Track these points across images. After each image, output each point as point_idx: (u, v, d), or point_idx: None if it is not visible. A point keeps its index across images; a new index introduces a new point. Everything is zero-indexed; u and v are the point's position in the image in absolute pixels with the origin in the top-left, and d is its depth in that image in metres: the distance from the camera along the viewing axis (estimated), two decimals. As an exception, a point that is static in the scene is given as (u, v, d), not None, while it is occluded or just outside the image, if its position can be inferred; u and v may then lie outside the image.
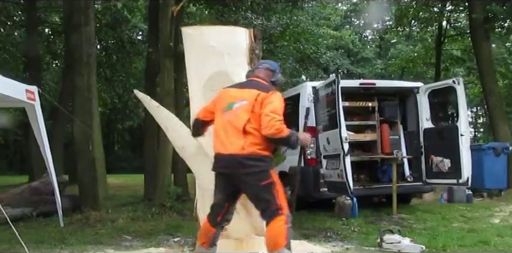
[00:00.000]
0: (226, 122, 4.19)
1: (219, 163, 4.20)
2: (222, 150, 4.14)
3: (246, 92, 4.26)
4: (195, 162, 5.00)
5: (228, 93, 4.37)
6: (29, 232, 7.05)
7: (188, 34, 5.53)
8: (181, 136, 4.93)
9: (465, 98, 7.87)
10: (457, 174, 7.70)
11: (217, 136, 4.22)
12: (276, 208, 4.08)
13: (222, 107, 4.29)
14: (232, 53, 5.43)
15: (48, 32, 20.67)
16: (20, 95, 6.94)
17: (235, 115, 4.16)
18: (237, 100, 4.22)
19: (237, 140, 4.09)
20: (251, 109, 4.12)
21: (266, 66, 4.60)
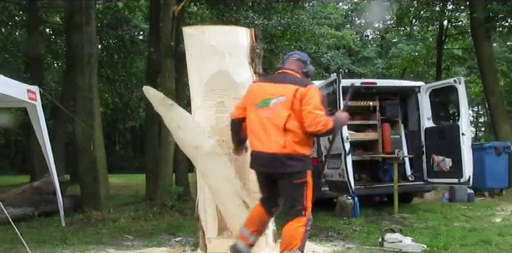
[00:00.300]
0: (264, 118, 4.10)
1: (258, 161, 4.16)
2: (261, 148, 4.09)
3: (282, 87, 4.16)
4: (206, 161, 4.95)
5: (261, 88, 4.29)
6: (31, 232, 7.06)
7: (189, 34, 5.52)
8: (195, 135, 4.87)
9: (466, 97, 7.87)
10: (458, 173, 7.70)
11: (254, 133, 4.16)
12: (300, 208, 4.09)
13: (255, 102, 4.21)
14: (233, 53, 5.42)
15: (49, 32, 20.69)
16: (21, 95, 6.95)
17: (274, 112, 4.08)
18: (273, 96, 4.13)
19: (277, 138, 4.02)
20: (290, 105, 4.05)
21: (297, 57, 4.52)
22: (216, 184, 5.00)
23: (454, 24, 19.47)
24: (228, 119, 5.33)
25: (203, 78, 5.42)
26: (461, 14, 18.62)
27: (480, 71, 14.27)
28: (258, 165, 4.21)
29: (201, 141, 4.85)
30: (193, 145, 4.89)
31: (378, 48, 32.61)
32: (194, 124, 4.93)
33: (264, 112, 4.12)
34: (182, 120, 4.85)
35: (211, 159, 4.88)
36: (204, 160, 4.96)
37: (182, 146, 5.08)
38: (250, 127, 4.22)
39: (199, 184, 5.43)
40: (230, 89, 5.37)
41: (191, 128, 4.87)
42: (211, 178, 5.05)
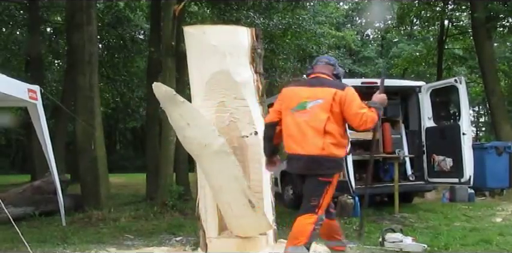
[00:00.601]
0: (301, 122, 4.17)
1: (296, 164, 4.22)
2: (300, 151, 4.15)
3: (318, 90, 4.24)
4: (214, 160, 4.92)
5: (296, 92, 4.36)
6: (31, 231, 7.07)
7: (190, 33, 5.52)
8: (205, 133, 4.85)
9: (467, 97, 7.87)
10: (459, 173, 7.70)
11: (291, 137, 4.23)
12: (315, 205, 4.13)
13: (290, 106, 4.28)
14: (234, 52, 5.42)
15: (50, 31, 20.70)
16: (22, 94, 6.96)
17: (312, 115, 4.15)
18: (310, 99, 4.20)
19: (316, 140, 4.10)
20: (329, 108, 4.14)
21: (325, 61, 4.63)
22: (222, 184, 4.98)
23: (455, 24, 19.48)
24: (228, 118, 5.34)
25: (204, 78, 5.41)
26: (462, 14, 18.62)
27: (481, 71, 14.28)
28: (296, 168, 4.26)
29: (211, 139, 4.83)
30: (202, 143, 4.85)
31: (379, 48, 32.60)
32: (204, 122, 4.91)
33: (301, 115, 4.20)
34: (192, 118, 4.82)
35: (219, 158, 4.86)
36: (211, 159, 4.93)
37: (189, 144, 5.04)
38: (287, 131, 4.28)
39: (200, 184, 5.43)
40: (231, 89, 5.37)
41: (201, 126, 4.85)
42: (217, 178, 5.02)
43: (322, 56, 4.97)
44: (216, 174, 5.00)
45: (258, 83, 5.57)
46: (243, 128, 5.36)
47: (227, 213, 5.12)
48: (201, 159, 5.06)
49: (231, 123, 5.36)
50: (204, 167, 5.13)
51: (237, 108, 5.37)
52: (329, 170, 4.15)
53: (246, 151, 5.35)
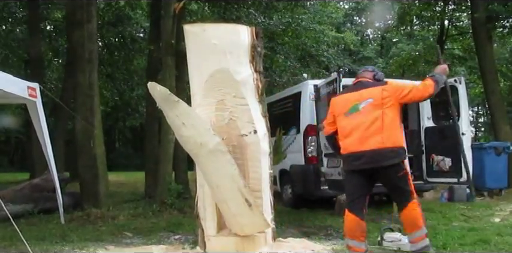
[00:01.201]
0: (358, 122, 4.56)
1: (359, 160, 4.51)
2: (360, 148, 4.50)
3: (364, 91, 4.69)
4: (210, 159, 4.93)
5: (345, 98, 4.78)
6: (30, 229, 7.07)
7: (190, 32, 5.52)
8: (201, 133, 4.87)
9: (467, 97, 7.87)
10: (457, 173, 7.70)
11: (350, 137, 4.57)
12: (409, 195, 4.58)
13: (343, 111, 4.69)
14: (234, 51, 5.42)
15: (50, 29, 20.69)
16: (21, 91, 6.95)
17: (366, 114, 4.55)
18: (359, 101, 4.62)
19: (375, 136, 4.48)
20: (381, 104, 4.55)
21: (365, 69, 5.13)
22: (218, 182, 4.99)
23: (454, 24, 19.48)
24: (228, 116, 5.34)
25: (203, 76, 5.41)
26: (462, 14, 18.63)
27: (480, 71, 14.27)
28: (359, 164, 4.53)
29: (206, 138, 4.84)
30: (197, 142, 4.87)
31: (378, 48, 32.62)
32: (200, 121, 4.92)
33: (355, 117, 4.60)
34: (187, 117, 4.82)
35: (215, 156, 4.87)
36: (207, 158, 4.94)
37: (185, 143, 5.06)
38: (343, 134, 4.64)
39: (198, 183, 5.44)
40: (230, 87, 5.37)
41: (197, 125, 4.85)
42: (214, 176, 5.04)
43: (365, 67, 5.39)
44: (213, 173, 5.01)
45: (258, 81, 5.57)
46: (243, 127, 5.36)
47: (225, 212, 5.13)
48: (197, 157, 5.07)
49: (230, 122, 5.37)
50: (201, 166, 5.14)
51: (236, 106, 5.37)
52: (395, 160, 4.49)
53: (245, 150, 5.36)
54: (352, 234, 4.65)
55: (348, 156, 4.62)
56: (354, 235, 4.63)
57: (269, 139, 5.61)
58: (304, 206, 9.04)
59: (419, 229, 4.55)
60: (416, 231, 4.54)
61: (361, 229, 4.67)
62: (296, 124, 8.99)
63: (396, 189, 4.68)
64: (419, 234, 4.56)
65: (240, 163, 5.13)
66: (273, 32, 15.58)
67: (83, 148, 9.25)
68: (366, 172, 4.59)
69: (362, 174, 4.61)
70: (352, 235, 4.64)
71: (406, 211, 4.58)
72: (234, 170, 4.88)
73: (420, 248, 4.54)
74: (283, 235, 6.07)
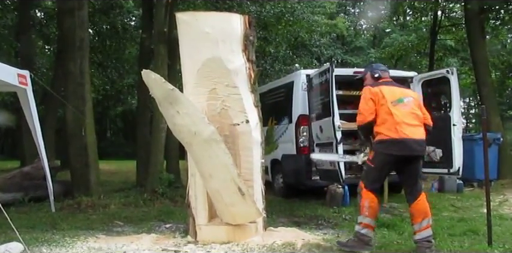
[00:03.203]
0: (408, 112, 4.90)
1: (409, 146, 4.79)
2: (411, 136, 4.80)
3: (405, 90, 5.23)
4: (204, 148, 4.93)
5: (391, 90, 5.02)
6: (21, 217, 7.04)
7: (182, 20, 5.48)
8: (195, 121, 4.85)
9: (458, 88, 7.88)
10: (448, 163, 7.73)
11: (402, 123, 4.81)
12: (420, 184, 5.01)
13: (390, 100, 4.91)
14: (227, 40, 5.40)
15: (40, 16, 20.46)
16: (11, 79, 6.89)
17: (411, 108, 4.95)
18: (403, 96, 5.00)
19: (419, 128, 4.91)
20: (418, 104, 5.09)
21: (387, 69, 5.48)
22: (212, 172, 5.00)
23: (448, 15, 19.46)
24: (220, 106, 5.34)
25: (196, 65, 5.40)
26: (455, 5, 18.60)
27: (472, 62, 14.27)
28: (408, 150, 4.81)
29: (201, 127, 4.83)
30: (191, 131, 4.86)
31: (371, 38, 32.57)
32: (194, 110, 4.90)
33: (404, 107, 4.91)
34: (182, 106, 4.81)
35: (209, 145, 4.88)
36: (201, 147, 4.94)
37: (179, 132, 5.05)
38: (394, 119, 4.82)
39: (190, 172, 5.44)
40: (223, 76, 5.36)
41: (191, 114, 4.84)
42: (207, 165, 5.04)
43: (379, 64, 5.79)
44: (206, 162, 5.01)
45: (250, 71, 5.56)
46: (235, 116, 5.36)
47: (217, 201, 5.14)
48: (191, 146, 5.06)
49: (222, 111, 5.37)
50: (194, 155, 5.13)
51: (228, 96, 5.37)
52: (425, 151, 5.10)
53: (237, 139, 5.37)
54: (375, 214, 4.92)
55: (399, 142, 4.79)
56: (374, 214, 4.91)
57: (261, 129, 5.62)
58: (295, 196, 9.07)
59: (427, 218, 4.82)
60: (424, 219, 4.79)
61: (378, 210, 5.07)
62: (288, 114, 8.98)
63: (416, 179, 4.96)
64: (427, 222, 4.81)
65: (231, 153, 5.14)
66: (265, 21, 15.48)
67: (73, 136, 9.21)
68: (404, 159, 4.86)
69: (400, 160, 4.86)
70: (374, 214, 4.88)
71: (420, 201, 4.85)
72: (228, 159, 4.89)
73: (425, 237, 4.76)
74: (274, 224, 6.09)
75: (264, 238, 5.27)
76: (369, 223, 4.83)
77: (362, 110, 5.01)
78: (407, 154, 4.83)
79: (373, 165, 4.94)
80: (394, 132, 4.79)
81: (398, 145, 4.79)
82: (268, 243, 5.13)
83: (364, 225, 4.82)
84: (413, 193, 4.90)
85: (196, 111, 4.91)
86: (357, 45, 30.73)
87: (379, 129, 4.89)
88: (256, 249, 4.96)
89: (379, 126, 4.89)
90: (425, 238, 4.77)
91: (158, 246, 5.15)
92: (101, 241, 5.51)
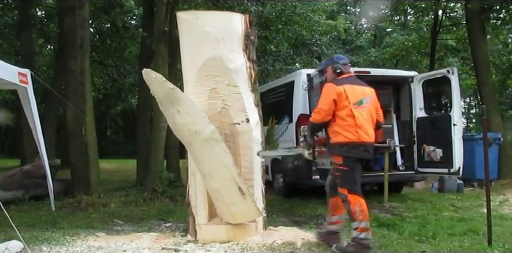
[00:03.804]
0: (366, 114, 4.88)
1: (368, 151, 4.88)
2: (368, 140, 4.83)
3: (365, 89, 5.07)
4: (204, 147, 4.93)
5: (354, 89, 4.92)
6: (21, 215, 7.05)
7: (183, 19, 5.48)
8: (195, 120, 4.85)
9: (459, 88, 7.87)
10: (448, 163, 7.73)
11: (363, 127, 4.81)
12: None
13: (352, 101, 4.83)
14: (227, 39, 5.40)
15: (41, 15, 20.46)
16: (12, 77, 6.89)
17: (369, 110, 4.93)
18: (364, 96, 4.94)
19: (372, 131, 4.93)
20: (375, 104, 5.07)
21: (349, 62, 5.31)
22: (212, 171, 5.00)
23: (448, 15, 19.43)
24: (220, 105, 5.33)
25: (196, 64, 5.40)
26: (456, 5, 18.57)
27: (473, 62, 14.27)
28: (368, 154, 4.91)
29: (201, 126, 4.84)
30: (192, 130, 4.87)
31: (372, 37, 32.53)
32: (194, 109, 4.90)
33: (362, 109, 4.87)
34: (183, 105, 4.81)
35: (209, 145, 4.88)
36: (202, 146, 4.95)
37: (179, 131, 5.06)
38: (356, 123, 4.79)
39: (190, 171, 5.44)
40: (223, 76, 5.36)
41: (191, 113, 4.84)
42: (207, 165, 5.04)
43: (341, 56, 5.48)
44: (207, 161, 5.01)
45: (251, 70, 5.56)
46: (235, 115, 5.36)
47: (217, 200, 5.14)
48: (191, 146, 5.07)
49: (223, 110, 5.37)
50: (194, 154, 5.13)
51: (229, 95, 5.37)
52: None
53: (237, 138, 5.37)
54: (368, 216, 4.86)
55: (360, 145, 4.80)
56: (368, 216, 4.86)
57: (261, 128, 5.62)
58: (295, 195, 9.07)
59: (345, 213, 4.98)
60: (342, 214, 5.03)
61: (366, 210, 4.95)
62: (289, 113, 8.97)
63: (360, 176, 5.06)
64: (344, 217, 5.03)
65: (232, 152, 5.14)
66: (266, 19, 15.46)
67: (74, 135, 9.21)
68: (362, 162, 5.01)
69: (360, 163, 4.96)
70: (368, 216, 4.85)
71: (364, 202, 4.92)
72: (229, 158, 4.89)
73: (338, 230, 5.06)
74: (274, 224, 6.09)
75: (264, 238, 5.27)
76: (366, 227, 4.78)
77: (321, 109, 4.88)
78: (366, 157, 4.96)
79: (346, 168, 4.86)
80: (354, 135, 4.77)
81: (358, 148, 4.80)
82: (268, 242, 5.13)
83: (361, 229, 4.75)
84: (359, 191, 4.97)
85: (196, 110, 4.91)
86: (357, 45, 30.69)
87: (337, 130, 4.83)
88: (256, 248, 4.96)
89: (338, 127, 4.83)
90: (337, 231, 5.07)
91: (158, 245, 5.14)
92: (101, 240, 5.51)
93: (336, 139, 4.83)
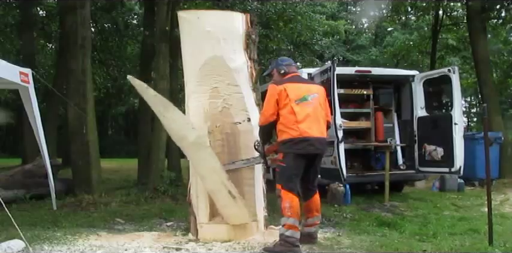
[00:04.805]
0: (311, 110, 4.89)
1: (314, 145, 4.85)
2: (315, 134, 4.85)
3: (311, 86, 5.17)
4: (192, 151, 4.99)
5: (296, 87, 4.95)
6: (22, 214, 7.05)
7: (184, 18, 5.49)
8: (180, 126, 4.89)
9: (460, 87, 7.88)
10: (449, 162, 7.74)
11: (305, 122, 4.82)
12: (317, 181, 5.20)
13: (294, 98, 4.85)
14: (228, 38, 5.41)
15: (42, 14, 20.47)
16: (13, 77, 6.89)
17: (315, 106, 4.94)
18: (308, 93, 4.94)
19: (321, 126, 4.97)
20: (323, 101, 5.11)
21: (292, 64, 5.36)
22: (204, 174, 5.08)
23: (449, 14, 19.42)
24: (221, 104, 5.34)
25: (197, 63, 5.40)
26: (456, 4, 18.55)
27: (474, 61, 14.27)
28: (314, 148, 4.86)
29: (185, 132, 4.90)
30: (179, 135, 4.96)
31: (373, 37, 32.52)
32: (178, 115, 4.95)
33: (307, 105, 4.88)
34: (166, 110, 4.86)
35: (197, 149, 4.96)
36: (191, 150, 5.03)
37: (171, 135, 5.16)
38: (297, 119, 4.81)
39: (191, 170, 5.44)
40: (224, 75, 5.36)
41: (176, 119, 4.89)
42: (200, 167, 5.11)
43: (284, 58, 5.58)
44: (198, 164, 5.11)
45: (252, 69, 5.57)
46: (236, 115, 5.37)
47: (214, 201, 5.18)
48: (183, 149, 5.18)
49: (224, 110, 5.37)
50: (189, 156, 5.24)
51: (230, 94, 5.37)
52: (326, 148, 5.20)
53: (238, 137, 5.37)
54: (298, 213, 4.80)
55: (302, 140, 4.79)
56: (299, 214, 4.82)
57: (262, 128, 5.61)
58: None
59: (319, 214, 5.17)
60: (317, 216, 5.13)
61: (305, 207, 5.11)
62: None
63: (316, 176, 5.14)
64: (318, 219, 5.17)
65: (233, 151, 5.16)
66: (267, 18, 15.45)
67: (75, 134, 9.22)
68: (310, 157, 4.92)
69: (306, 158, 4.89)
70: (298, 214, 4.81)
71: (315, 198, 5.12)
72: (216, 163, 4.94)
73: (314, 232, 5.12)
74: (275, 223, 6.08)
75: (265, 237, 5.28)
76: (293, 224, 4.73)
77: (264, 110, 4.94)
78: (311, 152, 4.87)
79: (284, 164, 4.85)
80: (295, 131, 4.79)
81: (301, 144, 4.79)
82: (269, 241, 5.13)
83: (289, 226, 4.71)
84: (311, 189, 5.10)
85: (180, 116, 4.96)
86: (358, 44, 30.70)
87: (281, 128, 4.87)
88: (257, 248, 4.96)
89: (281, 125, 4.87)
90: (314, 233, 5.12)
91: (159, 244, 5.15)
92: (102, 239, 5.51)
93: (280, 138, 4.90)
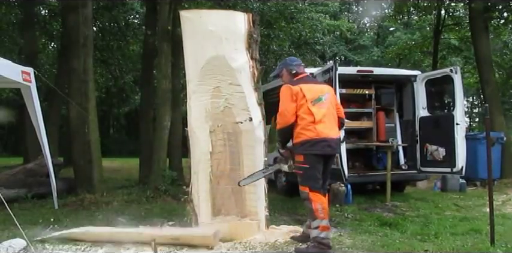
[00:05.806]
0: (326, 111, 4.91)
1: (330, 146, 4.87)
2: (331, 135, 4.87)
3: (323, 86, 5.20)
4: None
5: (310, 87, 4.96)
6: (24, 213, 7.06)
7: (186, 18, 5.49)
8: None
9: (462, 87, 7.87)
10: (451, 162, 7.73)
11: (322, 123, 4.83)
12: None
13: (311, 99, 4.86)
14: (231, 38, 5.41)
15: (45, 13, 20.47)
16: (15, 76, 6.89)
17: (329, 106, 4.97)
18: (322, 93, 4.96)
19: (336, 127, 5.02)
20: (334, 100, 5.14)
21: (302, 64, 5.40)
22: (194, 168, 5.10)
23: (451, 14, 19.40)
24: (223, 104, 5.34)
25: (199, 63, 5.40)
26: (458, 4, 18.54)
27: (476, 61, 14.24)
28: (331, 149, 4.89)
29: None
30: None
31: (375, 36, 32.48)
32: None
33: (322, 106, 4.90)
34: None
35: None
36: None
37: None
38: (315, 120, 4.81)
39: (193, 170, 5.45)
40: (226, 74, 5.37)
41: None
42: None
43: (293, 58, 5.65)
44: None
45: (254, 69, 5.56)
46: (238, 114, 5.37)
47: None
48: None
49: (225, 109, 5.38)
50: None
51: (232, 93, 5.38)
52: None
53: (240, 137, 5.38)
54: (328, 214, 4.86)
55: (320, 141, 4.80)
56: (328, 214, 4.87)
57: (264, 127, 5.62)
58: (297, 194, 9.01)
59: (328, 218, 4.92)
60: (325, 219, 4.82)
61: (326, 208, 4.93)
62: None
63: (327, 177, 5.10)
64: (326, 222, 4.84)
65: (234, 151, 5.15)
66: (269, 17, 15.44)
67: (77, 133, 9.23)
68: (325, 158, 4.94)
69: (323, 158, 4.90)
70: (328, 215, 4.85)
71: (326, 197, 5.00)
72: None
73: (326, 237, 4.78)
74: (276, 222, 6.09)
75: (267, 236, 5.28)
76: (327, 225, 4.77)
77: (284, 110, 4.87)
78: (328, 153, 4.90)
79: (307, 165, 4.82)
80: (312, 131, 4.78)
81: (319, 144, 4.79)
82: (271, 241, 5.14)
83: (323, 227, 4.72)
84: (326, 187, 5.10)
85: None
86: (360, 44, 30.66)
87: (299, 130, 4.84)
88: (259, 247, 4.97)
89: (300, 127, 4.84)
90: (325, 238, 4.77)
91: (161, 243, 5.15)
92: (104, 238, 5.51)
93: (297, 140, 4.86)
